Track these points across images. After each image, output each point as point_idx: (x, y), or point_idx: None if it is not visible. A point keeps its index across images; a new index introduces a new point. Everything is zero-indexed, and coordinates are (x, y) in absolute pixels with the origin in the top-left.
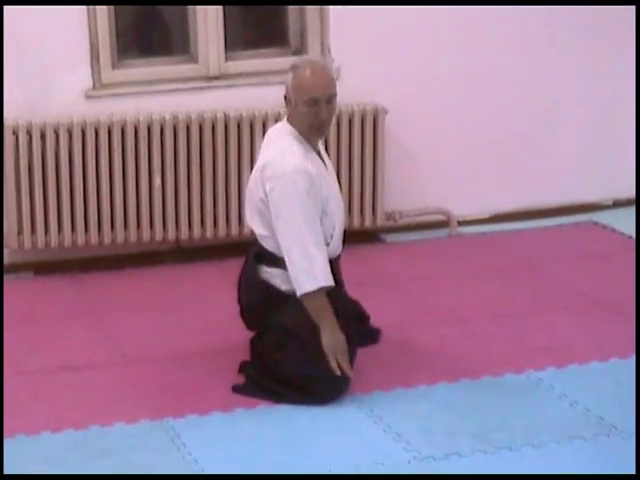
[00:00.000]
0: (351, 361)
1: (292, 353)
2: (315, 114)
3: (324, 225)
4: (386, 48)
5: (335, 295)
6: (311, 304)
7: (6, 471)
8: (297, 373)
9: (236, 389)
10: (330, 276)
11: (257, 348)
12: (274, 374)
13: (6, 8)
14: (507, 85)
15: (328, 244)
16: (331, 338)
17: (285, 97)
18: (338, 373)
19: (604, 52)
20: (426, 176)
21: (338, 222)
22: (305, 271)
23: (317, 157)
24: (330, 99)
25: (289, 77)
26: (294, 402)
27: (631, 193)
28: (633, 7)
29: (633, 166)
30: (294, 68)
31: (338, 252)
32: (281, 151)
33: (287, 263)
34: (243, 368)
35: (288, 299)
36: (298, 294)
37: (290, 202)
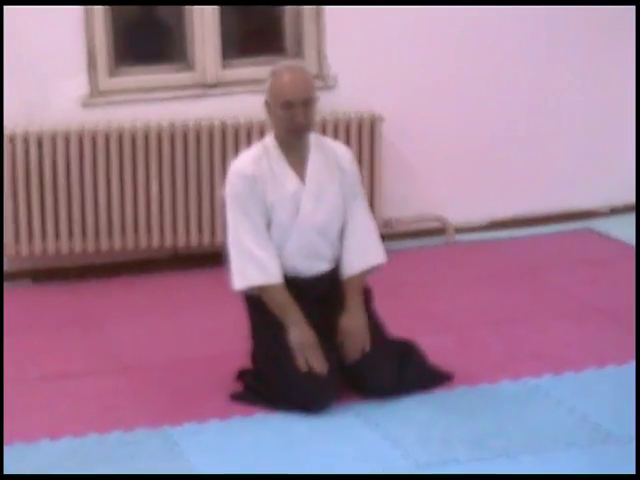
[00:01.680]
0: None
1: (270, 371)
2: (291, 118)
3: (272, 233)
4: (383, 56)
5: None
6: (269, 300)
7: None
8: (280, 387)
9: (235, 397)
10: (269, 274)
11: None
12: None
13: (4, 16)
14: (504, 92)
15: (279, 251)
16: (297, 334)
17: (265, 102)
18: (304, 369)
19: (602, 58)
20: (423, 183)
21: (300, 240)
22: (237, 269)
23: (289, 169)
24: (306, 102)
25: (267, 83)
26: (291, 410)
27: (628, 200)
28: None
29: (630, 173)
30: (272, 73)
31: (309, 273)
32: (240, 156)
33: None
34: (241, 375)
35: (260, 304)
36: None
37: (230, 202)
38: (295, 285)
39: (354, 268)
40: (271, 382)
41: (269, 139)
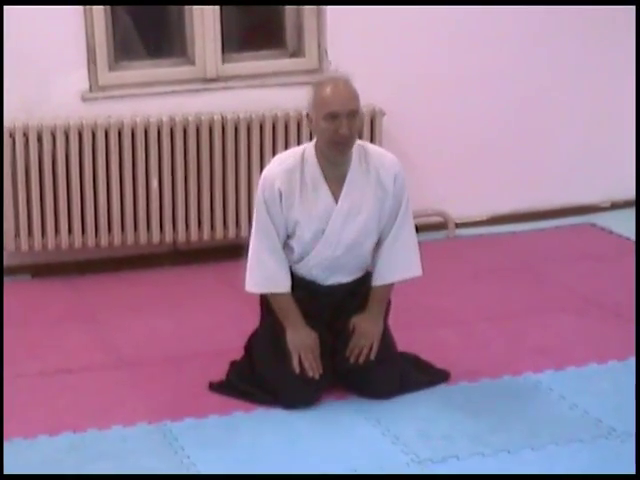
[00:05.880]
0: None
1: (260, 356)
2: (335, 130)
3: (291, 247)
4: (383, 50)
5: (312, 311)
6: (274, 302)
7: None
8: (265, 376)
9: (212, 387)
10: (275, 284)
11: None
12: (251, 375)
13: (2, 11)
14: (505, 87)
15: (296, 261)
16: (294, 336)
17: (307, 115)
18: (297, 371)
19: (603, 53)
20: (424, 178)
21: (323, 255)
22: (249, 271)
23: (324, 185)
24: (351, 114)
25: (310, 94)
26: (266, 404)
27: (629, 195)
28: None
29: (631, 168)
30: (315, 85)
31: (327, 282)
32: (277, 156)
33: None
34: (230, 366)
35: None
36: None
37: (256, 204)
38: (310, 289)
39: (382, 280)
40: (259, 373)
41: (309, 149)
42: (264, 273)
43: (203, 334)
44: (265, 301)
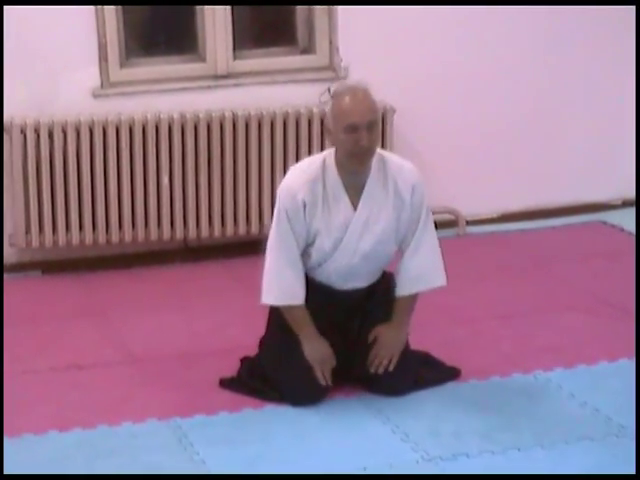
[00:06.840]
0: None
1: (267, 355)
2: (355, 141)
3: (309, 254)
4: (394, 47)
5: (325, 317)
6: (287, 315)
7: (13, 470)
8: (272, 374)
9: (222, 383)
10: (292, 296)
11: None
12: (262, 372)
13: (15, 7)
14: (515, 85)
15: (314, 267)
16: (310, 349)
17: (326, 126)
18: (324, 383)
19: (609, 51)
20: (434, 176)
21: (340, 262)
22: (267, 283)
23: (344, 195)
24: (371, 125)
25: (328, 105)
26: (276, 401)
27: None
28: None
29: None
30: (334, 95)
31: (343, 288)
32: (296, 166)
33: None
34: (241, 362)
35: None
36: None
37: (276, 214)
38: (327, 293)
39: (405, 290)
40: (269, 370)
41: (330, 158)
42: (282, 285)
43: (213, 331)
44: (273, 307)
